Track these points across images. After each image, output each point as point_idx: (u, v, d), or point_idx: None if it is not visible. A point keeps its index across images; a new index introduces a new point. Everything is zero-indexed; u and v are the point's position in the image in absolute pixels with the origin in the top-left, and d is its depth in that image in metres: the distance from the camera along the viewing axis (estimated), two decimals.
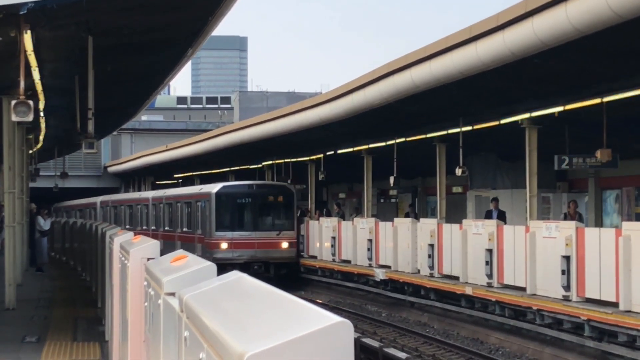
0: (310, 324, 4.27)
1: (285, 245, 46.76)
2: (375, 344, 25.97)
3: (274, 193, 47.38)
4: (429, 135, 34.65)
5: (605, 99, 23.82)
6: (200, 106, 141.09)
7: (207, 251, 45.38)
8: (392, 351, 24.35)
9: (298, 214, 49.08)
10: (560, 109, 25.76)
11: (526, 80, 25.17)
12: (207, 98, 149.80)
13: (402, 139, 37.02)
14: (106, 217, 67.91)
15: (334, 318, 4.31)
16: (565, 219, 27.78)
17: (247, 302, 5.53)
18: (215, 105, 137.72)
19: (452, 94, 26.76)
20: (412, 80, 26.09)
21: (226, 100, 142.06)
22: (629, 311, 21.91)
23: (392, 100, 28.20)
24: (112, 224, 61.99)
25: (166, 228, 56.15)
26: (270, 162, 54.10)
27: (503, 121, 28.92)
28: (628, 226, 23.40)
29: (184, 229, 51.68)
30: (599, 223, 37.69)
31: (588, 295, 23.89)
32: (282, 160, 52.30)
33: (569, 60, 22.08)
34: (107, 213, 69.40)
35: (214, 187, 47.06)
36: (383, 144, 38.78)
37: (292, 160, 50.59)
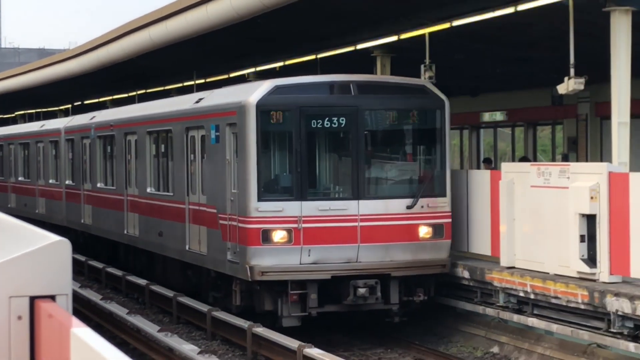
0: (31, 243, 4.30)
1: (425, 231, 18.77)
2: (100, 265, 25.76)
3: (401, 104, 19.12)
4: (167, 87, 34.77)
5: (320, 55, 24.58)
6: None
7: (237, 249, 18.46)
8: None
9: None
10: (280, 64, 26.42)
11: (252, 38, 25.59)
12: None
13: (143, 91, 36.94)
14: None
15: (53, 238, 4.35)
16: None
17: None
18: None
19: (188, 50, 26.94)
20: (151, 38, 26.20)
21: None
22: None
23: (133, 56, 28.23)
24: None
25: (110, 187, 27.45)
26: (22, 112, 52.95)
27: (232, 75, 29.35)
28: None
29: (154, 190, 23.89)
30: None
31: None
32: (33, 110, 51.25)
33: (288, 21, 22.60)
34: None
35: (250, 91, 18.67)
36: (125, 95, 38.64)
37: (44, 110, 49.65)
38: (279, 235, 17.81)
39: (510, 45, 23.77)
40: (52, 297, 4.46)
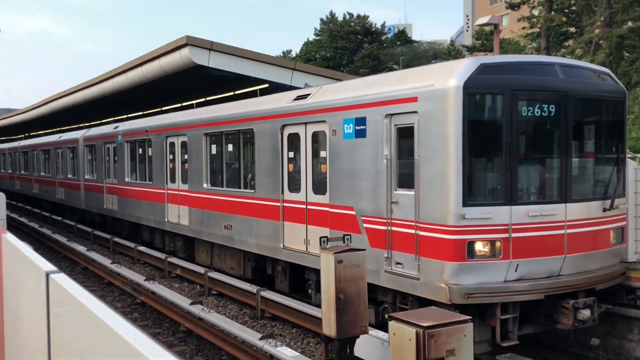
0: None
1: (612, 236, 10.39)
2: (47, 214, 29.27)
3: (605, 91, 10.23)
4: (63, 128, 36.46)
5: (147, 111, 25.86)
6: None
7: (416, 261, 9.70)
8: None
9: None
10: (140, 113, 28.44)
11: (106, 104, 27.69)
12: None
13: (51, 130, 37.86)
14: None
15: None
16: None
17: None
18: None
19: (80, 110, 28.41)
20: (51, 107, 28.18)
21: None
22: None
23: (49, 114, 31.20)
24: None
25: (144, 181, 20.60)
26: None
27: (103, 120, 30.07)
28: None
29: (210, 186, 16.64)
30: None
31: None
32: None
33: (127, 95, 24.08)
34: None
35: (444, 72, 9.70)
36: (43, 131, 39.42)
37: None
38: (484, 248, 9.24)
39: None
40: None
